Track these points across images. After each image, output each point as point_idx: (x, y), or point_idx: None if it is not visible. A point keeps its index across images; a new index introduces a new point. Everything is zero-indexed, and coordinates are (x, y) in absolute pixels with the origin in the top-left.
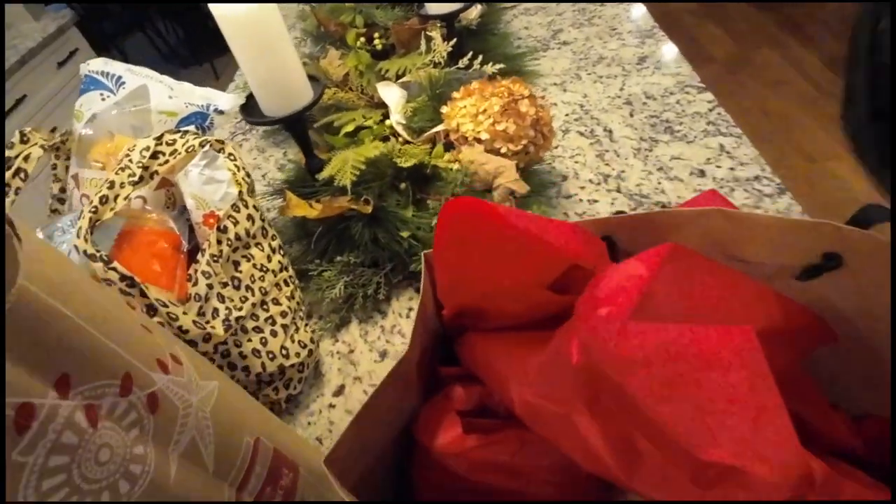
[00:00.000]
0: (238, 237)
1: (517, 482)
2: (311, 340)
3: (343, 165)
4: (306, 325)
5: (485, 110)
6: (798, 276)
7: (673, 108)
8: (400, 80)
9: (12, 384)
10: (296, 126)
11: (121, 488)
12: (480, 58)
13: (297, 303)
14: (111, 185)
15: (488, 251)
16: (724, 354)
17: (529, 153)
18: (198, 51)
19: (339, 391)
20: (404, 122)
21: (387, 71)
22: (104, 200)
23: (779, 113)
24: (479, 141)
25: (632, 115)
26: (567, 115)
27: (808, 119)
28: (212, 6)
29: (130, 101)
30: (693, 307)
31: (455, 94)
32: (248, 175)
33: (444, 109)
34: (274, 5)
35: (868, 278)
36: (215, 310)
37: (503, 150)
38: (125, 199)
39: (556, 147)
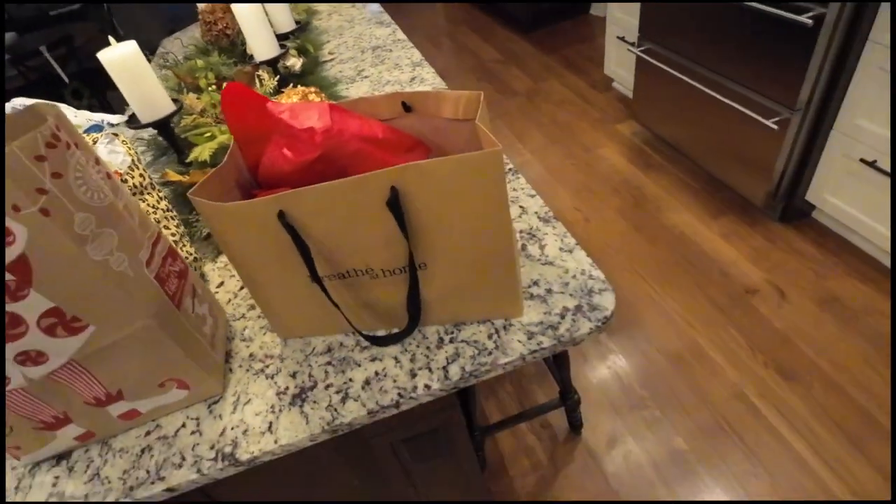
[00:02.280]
0: (135, 187)
1: None
2: (196, 252)
3: (202, 150)
4: (191, 246)
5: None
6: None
7: None
8: None
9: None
10: (164, 130)
11: (98, 196)
12: (300, 86)
13: (182, 233)
14: None
15: (251, 109)
16: (312, 107)
17: None
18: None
19: (221, 284)
20: None
21: None
22: None
23: (565, 122)
24: None
25: None
26: None
27: (584, 124)
28: (99, 55)
29: None
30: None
31: (276, 97)
32: (136, 153)
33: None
34: (138, 51)
35: (421, 113)
36: None
37: None
38: None
39: None
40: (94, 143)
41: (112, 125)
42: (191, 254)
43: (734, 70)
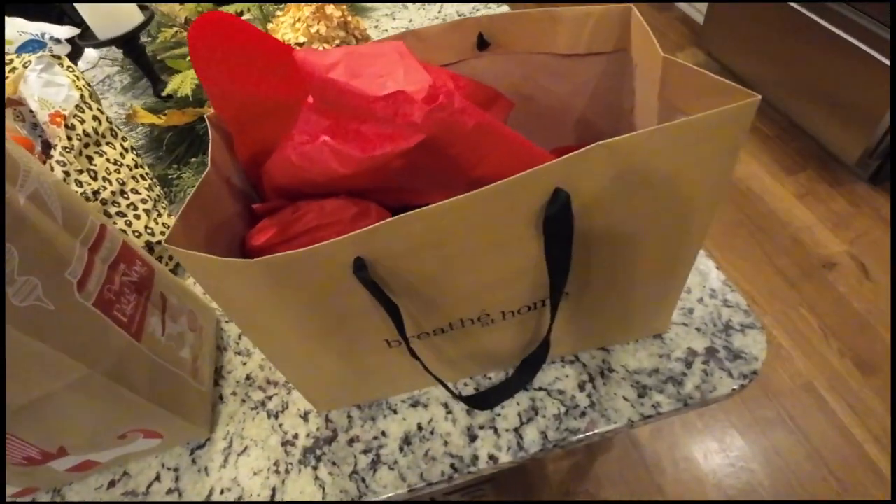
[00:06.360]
0: (87, 134)
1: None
2: None
3: (184, 80)
4: (170, 214)
5: (300, 18)
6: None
7: None
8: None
9: None
10: (132, 48)
11: None
12: None
13: (158, 195)
14: None
15: (249, 61)
16: (383, 49)
17: None
18: None
19: None
20: None
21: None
22: None
23: None
24: (299, 45)
25: None
26: None
27: None
28: None
29: None
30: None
31: (278, 13)
32: (90, 85)
33: (270, 25)
34: None
35: (505, 49)
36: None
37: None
38: None
39: None
40: (26, 66)
41: (58, 42)
42: (169, 225)
43: None
